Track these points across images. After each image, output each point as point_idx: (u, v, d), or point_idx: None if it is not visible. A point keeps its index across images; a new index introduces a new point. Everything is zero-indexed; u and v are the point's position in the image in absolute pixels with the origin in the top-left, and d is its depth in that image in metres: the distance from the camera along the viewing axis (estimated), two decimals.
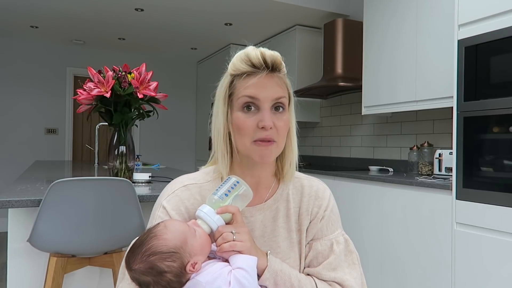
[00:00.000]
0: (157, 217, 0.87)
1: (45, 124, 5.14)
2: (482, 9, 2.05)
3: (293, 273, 0.87)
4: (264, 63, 0.85)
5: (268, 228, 0.91)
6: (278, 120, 0.85)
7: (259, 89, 0.84)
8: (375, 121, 3.57)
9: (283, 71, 0.89)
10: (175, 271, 0.76)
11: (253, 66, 0.85)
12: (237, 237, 0.79)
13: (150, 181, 2.08)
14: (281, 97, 0.86)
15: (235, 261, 0.78)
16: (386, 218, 2.62)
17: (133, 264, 0.76)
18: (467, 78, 2.10)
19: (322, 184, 0.99)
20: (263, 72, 0.85)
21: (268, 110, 0.84)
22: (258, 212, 0.91)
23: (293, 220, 0.93)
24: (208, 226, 0.80)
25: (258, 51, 0.85)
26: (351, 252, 0.93)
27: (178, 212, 0.87)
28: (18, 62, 4.99)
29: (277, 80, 0.86)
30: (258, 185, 0.92)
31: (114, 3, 3.62)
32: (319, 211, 0.93)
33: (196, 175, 0.94)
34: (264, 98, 0.84)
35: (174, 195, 0.89)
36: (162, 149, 5.80)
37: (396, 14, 2.95)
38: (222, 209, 0.81)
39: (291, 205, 0.93)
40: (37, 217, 1.39)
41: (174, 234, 0.77)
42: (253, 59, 0.85)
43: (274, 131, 0.84)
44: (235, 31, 4.41)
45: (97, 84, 1.84)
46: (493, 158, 1.99)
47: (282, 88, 0.87)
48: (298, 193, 0.95)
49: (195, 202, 0.88)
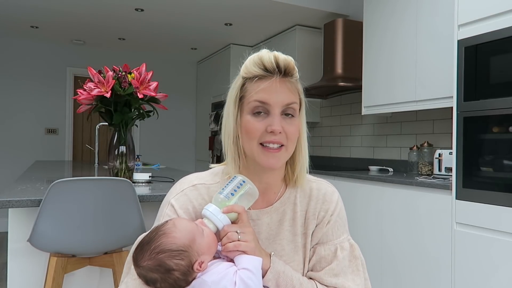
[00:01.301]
0: (165, 215, 0.87)
1: (45, 124, 5.14)
2: (482, 9, 2.05)
3: (295, 275, 0.87)
4: (277, 67, 0.83)
5: (274, 230, 0.91)
6: (288, 126, 0.85)
7: (270, 93, 0.83)
8: (375, 121, 3.57)
9: (296, 76, 0.87)
10: (183, 269, 0.76)
11: (266, 70, 0.84)
12: (242, 237, 0.79)
13: (150, 181, 2.08)
14: (292, 102, 0.85)
15: (241, 262, 0.79)
16: (386, 218, 2.62)
17: (141, 261, 0.77)
18: (467, 78, 2.10)
19: (330, 187, 0.98)
20: (276, 77, 0.83)
21: (278, 115, 0.83)
22: (265, 215, 0.91)
23: (299, 224, 0.92)
24: (214, 225, 0.81)
25: (272, 55, 0.84)
26: (356, 258, 0.92)
27: (186, 211, 0.87)
28: (18, 62, 4.99)
29: (289, 85, 0.85)
30: (266, 189, 0.92)
31: (114, 3, 3.63)
32: (325, 215, 0.93)
33: (205, 175, 0.94)
34: (275, 103, 0.83)
35: (182, 193, 0.89)
36: (162, 149, 5.80)
37: (396, 14, 2.95)
38: (228, 208, 0.81)
39: (298, 209, 0.93)
40: (37, 217, 1.39)
41: (183, 233, 0.78)
42: (266, 62, 0.83)
43: (283, 135, 0.84)
44: (235, 31, 4.41)
45: (97, 84, 1.84)
46: (493, 158, 1.99)
47: (294, 93, 0.86)
48: (306, 196, 0.94)
49: (202, 203, 0.88)
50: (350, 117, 3.88)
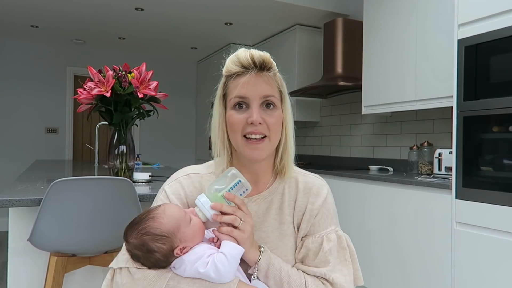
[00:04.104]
0: (159, 200, 0.96)
1: (45, 124, 5.14)
2: (482, 8, 2.05)
3: (284, 267, 0.90)
4: (253, 62, 0.88)
5: (260, 218, 0.95)
6: (269, 117, 0.89)
7: (248, 87, 0.88)
8: (375, 121, 3.57)
9: (273, 70, 0.92)
10: (164, 252, 0.82)
11: (243, 67, 0.89)
12: (242, 225, 0.85)
13: (150, 181, 2.08)
14: (270, 95, 0.89)
15: (223, 246, 0.84)
16: (385, 218, 2.62)
17: (129, 237, 0.85)
18: (467, 78, 2.10)
19: (319, 180, 1.01)
20: (252, 71, 0.88)
21: (257, 107, 0.88)
22: (252, 203, 0.95)
23: (286, 213, 0.96)
24: (203, 214, 0.86)
25: (247, 52, 0.90)
26: (343, 248, 0.94)
27: (178, 197, 0.94)
28: (18, 62, 4.99)
29: (266, 78, 0.90)
30: (255, 179, 0.96)
31: (114, 3, 3.62)
32: (312, 208, 0.95)
33: (200, 166, 1.02)
34: (253, 96, 0.88)
35: (176, 181, 0.97)
36: (162, 148, 5.80)
37: (396, 13, 2.95)
38: (229, 196, 0.85)
39: (286, 199, 0.96)
40: (38, 216, 1.39)
41: (169, 219, 0.84)
42: (242, 59, 0.89)
43: (264, 126, 0.88)
44: (235, 30, 4.41)
45: (97, 83, 1.84)
46: (493, 157, 1.99)
47: (271, 86, 0.90)
48: (294, 188, 0.98)
49: (194, 190, 0.95)
50: (350, 116, 3.88)
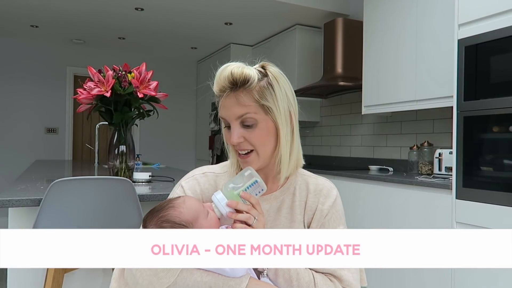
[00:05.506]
0: (175, 194, 0.99)
1: (45, 124, 5.14)
2: (482, 8, 2.05)
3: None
4: (229, 82, 0.89)
5: (272, 217, 0.97)
6: (249, 134, 0.90)
7: (225, 109, 0.91)
8: (375, 121, 3.57)
9: (251, 83, 0.88)
10: None
11: (219, 88, 0.91)
12: (255, 223, 0.86)
13: (150, 181, 2.08)
14: (243, 114, 0.89)
15: None
16: (385, 218, 2.62)
17: (149, 224, 0.87)
18: (467, 78, 2.10)
19: (328, 183, 1.03)
20: (227, 92, 0.89)
21: (236, 126, 0.90)
22: (264, 202, 0.97)
23: (297, 212, 0.98)
24: (219, 211, 0.88)
25: (224, 72, 0.90)
26: None
27: (194, 193, 0.98)
28: (18, 62, 4.99)
29: (240, 97, 0.88)
30: (266, 181, 0.97)
31: (114, 3, 3.62)
32: (323, 208, 0.98)
33: (215, 166, 1.05)
34: (229, 117, 0.90)
35: (193, 178, 1.01)
36: (162, 148, 5.80)
37: (396, 13, 2.95)
38: (245, 195, 0.87)
39: (297, 198, 0.99)
40: (37, 216, 1.39)
41: (189, 210, 0.86)
42: (218, 80, 0.91)
43: (246, 143, 0.91)
44: (235, 30, 4.41)
45: (97, 83, 1.84)
46: (493, 157, 1.99)
47: (245, 104, 0.88)
48: (304, 189, 1.00)
49: (209, 187, 0.99)
50: (350, 116, 3.88)
